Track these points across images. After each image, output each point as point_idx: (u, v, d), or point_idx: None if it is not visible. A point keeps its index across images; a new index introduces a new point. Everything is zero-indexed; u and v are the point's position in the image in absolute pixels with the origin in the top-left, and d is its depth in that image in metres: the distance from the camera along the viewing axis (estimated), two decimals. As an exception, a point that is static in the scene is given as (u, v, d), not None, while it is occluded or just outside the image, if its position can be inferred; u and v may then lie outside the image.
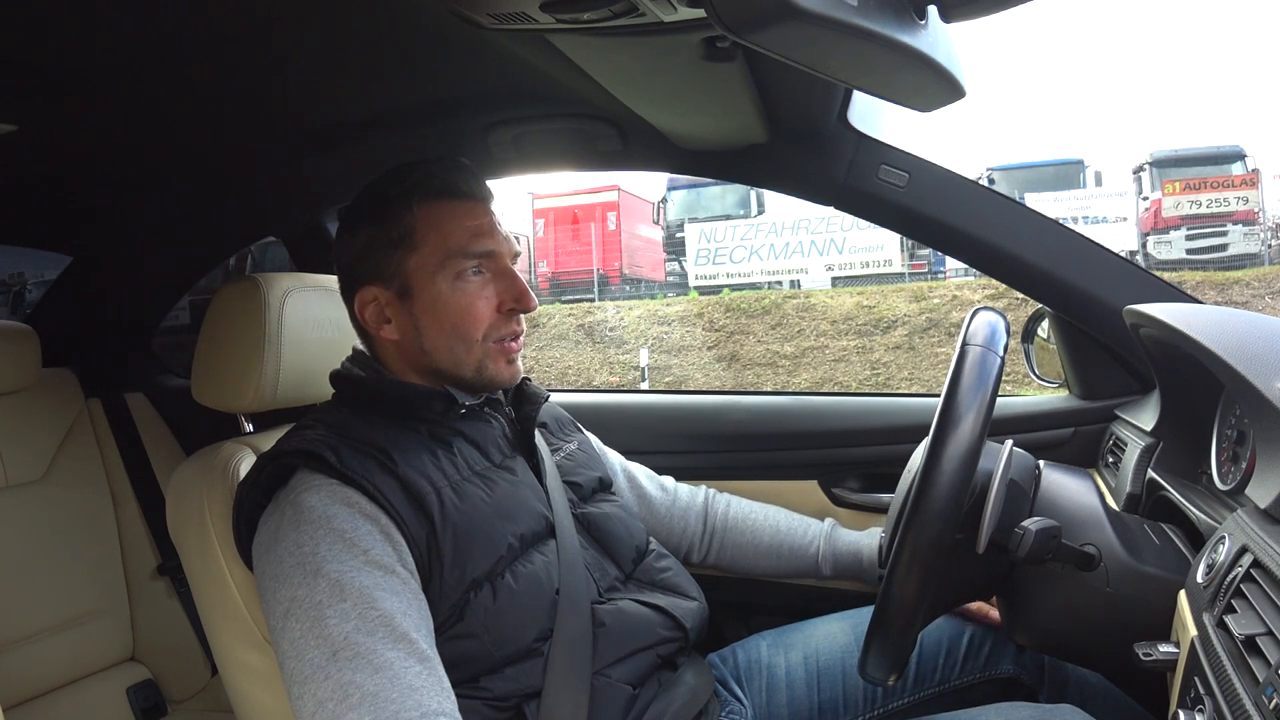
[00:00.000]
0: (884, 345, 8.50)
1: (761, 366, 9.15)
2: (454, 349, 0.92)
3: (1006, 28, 54.29)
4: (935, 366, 8.22)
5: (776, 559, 1.17)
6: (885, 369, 8.53)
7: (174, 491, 0.99)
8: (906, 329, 8.57)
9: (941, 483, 0.74)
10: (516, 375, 0.96)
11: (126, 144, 1.22)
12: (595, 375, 9.69)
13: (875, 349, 8.37)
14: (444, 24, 0.81)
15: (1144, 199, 11.43)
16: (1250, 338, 0.75)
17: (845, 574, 1.16)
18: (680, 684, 0.93)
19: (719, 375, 9.23)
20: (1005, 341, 0.80)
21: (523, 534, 0.89)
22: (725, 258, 11.61)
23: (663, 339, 9.92)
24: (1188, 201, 10.78)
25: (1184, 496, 0.85)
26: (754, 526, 1.18)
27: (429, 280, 0.90)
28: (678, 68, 0.85)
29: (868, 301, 9.21)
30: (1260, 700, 0.51)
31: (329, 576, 0.77)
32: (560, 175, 2.66)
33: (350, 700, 0.71)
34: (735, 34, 0.55)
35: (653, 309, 10.60)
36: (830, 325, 8.86)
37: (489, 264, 0.92)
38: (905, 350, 8.33)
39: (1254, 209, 10.67)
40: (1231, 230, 10.64)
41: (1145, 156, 11.61)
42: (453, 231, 0.91)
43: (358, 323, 0.96)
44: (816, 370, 8.84)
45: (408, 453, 0.86)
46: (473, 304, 0.91)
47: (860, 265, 10.62)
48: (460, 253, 0.90)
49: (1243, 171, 11.12)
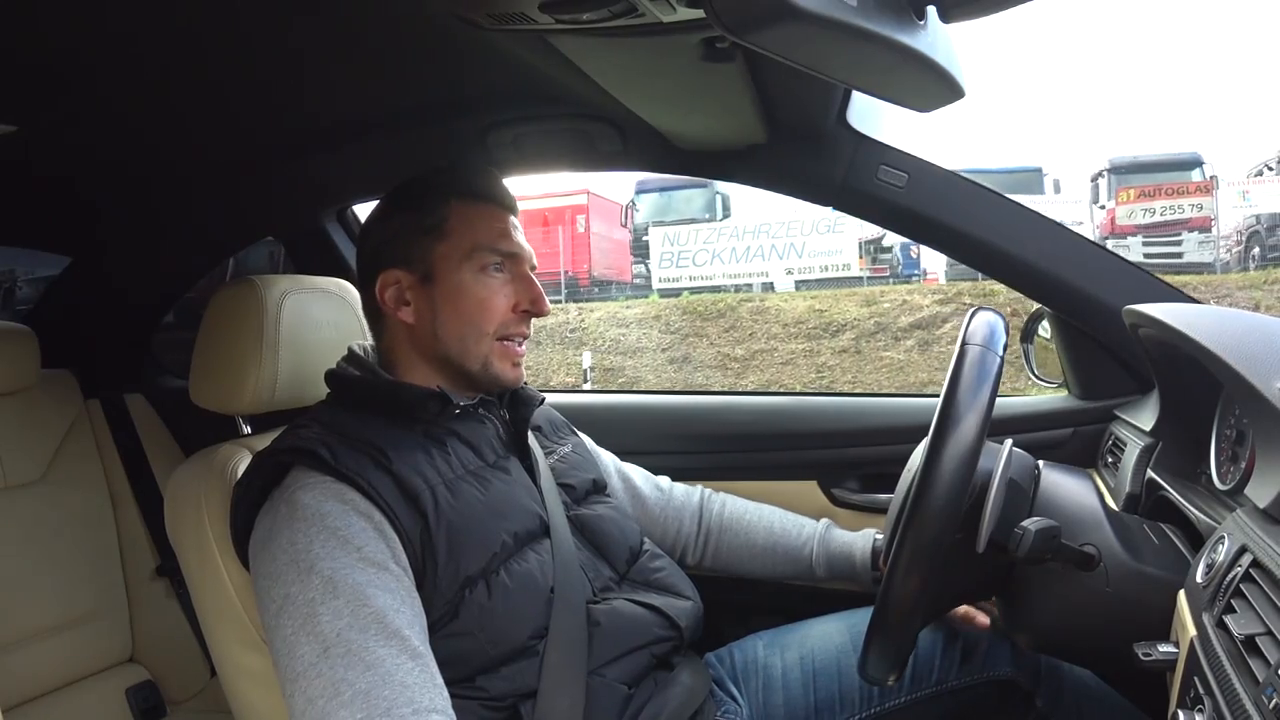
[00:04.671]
0: (831, 349, 8.63)
1: (711, 369, 9.28)
2: (465, 338, 0.95)
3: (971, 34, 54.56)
4: (878, 370, 8.32)
5: (771, 560, 1.17)
6: (830, 372, 8.61)
7: (172, 493, 0.99)
8: (854, 333, 8.68)
9: (941, 483, 0.74)
10: (519, 379, 0.99)
11: (126, 145, 1.22)
12: (553, 376, 9.82)
13: (822, 352, 8.48)
14: (443, 24, 0.81)
15: (1101, 206, 11.38)
16: (1249, 338, 0.75)
17: (839, 575, 1.14)
18: (676, 684, 0.93)
19: (670, 377, 9.35)
20: (1004, 341, 0.80)
21: (516, 532, 0.90)
22: (688, 261, 11.68)
23: (620, 340, 10.02)
24: (1141, 210, 10.74)
25: (1183, 496, 0.85)
26: (748, 527, 1.18)
27: (454, 269, 0.94)
28: (677, 68, 0.85)
29: (820, 305, 9.31)
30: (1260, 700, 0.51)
31: (322, 574, 0.77)
32: (530, 178, 2.68)
33: (342, 697, 0.71)
34: (734, 34, 0.55)
35: (613, 311, 10.69)
36: (782, 329, 8.95)
37: (511, 265, 0.97)
38: (851, 354, 8.46)
39: (1209, 216, 10.62)
40: (1186, 238, 10.58)
41: (1104, 163, 11.56)
42: (483, 229, 0.96)
43: (373, 305, 0.98)
44: (764, 373, 8.95)
45: (402, 451, 0.87)
46: (491, 297, 0.95)
47: (819, 269, 10.77)
48: (487, 247, 0.95)
49: (1200, 179, 11.06)
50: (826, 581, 1.17)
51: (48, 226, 1.54)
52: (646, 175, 12.17)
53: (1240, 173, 12.32)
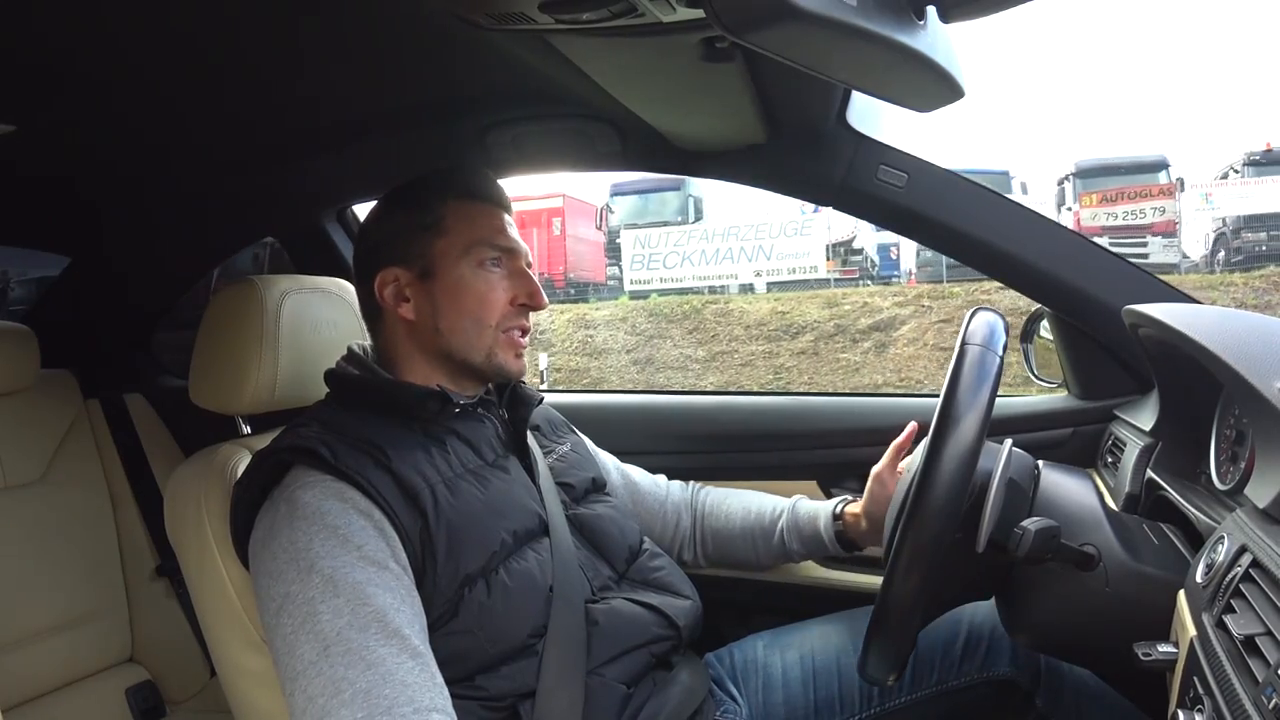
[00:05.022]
0: (789, 350, 8.78)
1: (673, 370, 9.39)
2: (468, 331, 0.95)
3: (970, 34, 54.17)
4: (835, 371, 8.46)
5: (752, 541, 1.16)
6: (788, 373, 8.71)
7: (172, 493, 0.99)
8: (814, 335, 8.84)
9: (941, 482, 0.74)
10: (522, 369, 1.00)
11: (126, 145, 1.22)
12: (520, 375, 10.00)
13: (781, 354, 8.63)
14: (443, 24, 0.81)
15: (1067, 209, 11.37)
16: (1249, 338, 0.75)
17: (810, 546, 1.14)
18: (675, 683, 0.93)
19: (633, 377, 9.45)
20: (1004, 341, 0.80)
21: (516, 530, 0.90)
22: (659, 263, 11.76)
23: (587, 342, 10.13)
24: (1104, 213, 10.75)
25: (1183, 496, 0.85)
26: (728, 510, 1.18)
27: (453, 264, 0.96)
28: (677, 68, 0.85)
29: (783, 308, 9.45)
30: (1259, 700, 0.51)
31: (322, 572, 0.77)
32: (505, 181, 2.66)
33: (342, 696, 0.71)
34: (734, 34, 0.55)
35: (582, 313, 10.78)
36: (744, 330, 9.10)
37: (508, 261, 0.99)
38: (809, 355, 8.60)
39: (1173, 220, 10.64)
40: (1151, 241, 10.59)
41: (1070, 167, 11.53)
42: (480, 225, 0.98)
43: (373, 303, 0.99)
44: (724, 374, 9.06)
45: (402, 449, 0.87)
46: (490, 291, 0.96)
47: (787, 271, 10.87)
48: (485, 242, 0.97)
49: (1166, 181, 11.04)
50: (804, 557, 1.16)
51: (47, 226, 1.54)
52: (621, 177, 12.28)
53: (1209, 175, 12.38)
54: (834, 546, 1.12)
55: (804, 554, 1.16)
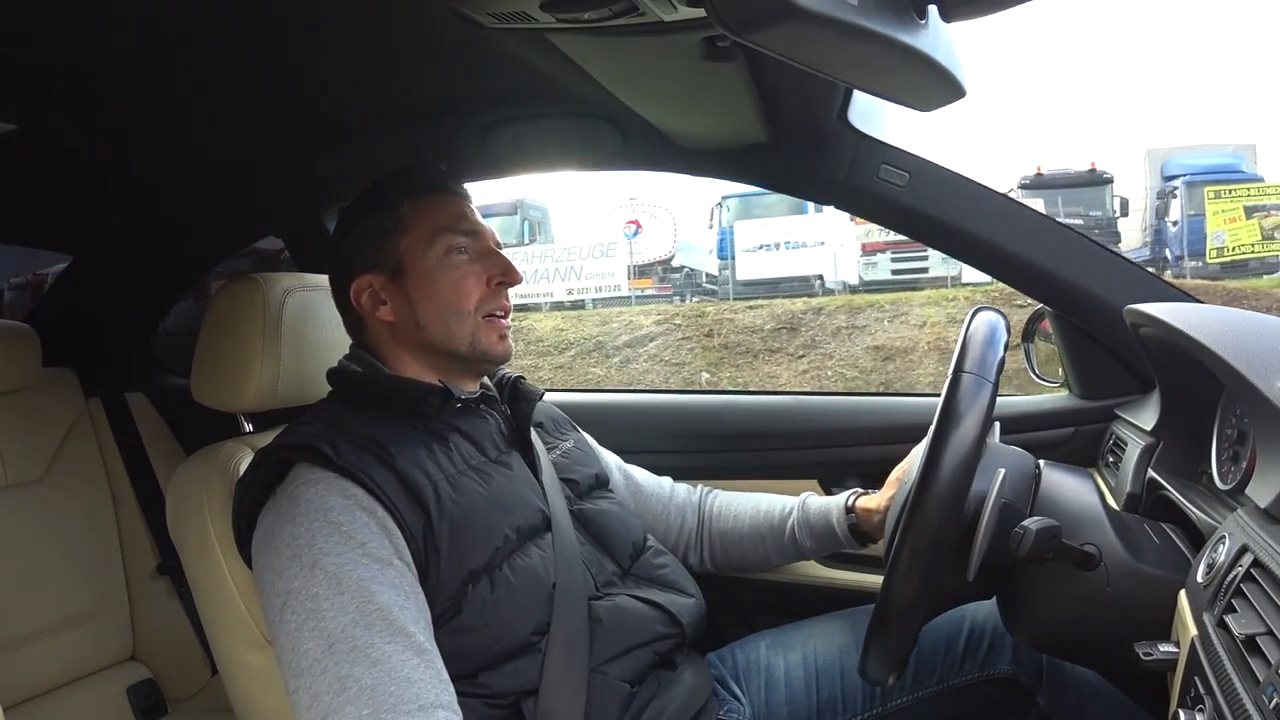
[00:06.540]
0: (550, 365, 8.92)
1: None
2: (448, 322, 0.95)
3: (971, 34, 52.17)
4: (584, 382, 8.64)
5: (763, 541, 1.15)
6: (542, 385, 8.78)
7: (174, 491, 0.99)
8: (576, 351, 9.04)
9: (941, 482, 0.74)
10: (509, 351, 1.00)
11: (127, 144, 1.22)
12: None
13: (543, 369, 8.76)
14: (444, 24, 0.81)
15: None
16: (1251, 337, 0.75)
17: (823, 541, 1.12)
18: (679, 683, 0.93)
19: None
20: (1006, 340, 0.80)
21: (519, 526, 0.90)
22: None
23: None
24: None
25: (1184, 496, 0.85)
26: (737, 511, 1.18)
27: (420, 257, 0.96)
28: (678, 67, 0.85)
29: (563, 325, 9.60)
30: (1260, 700, 0.51)
31: (326, 569, 0.77)
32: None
33: (348, 693, 0.71)
34: (735, 34, 0.55)
35: None
36: (525, 346, 9.19)
37: (474, 244, 0.98)
38: (564, 370, 8.77)
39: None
40: (931, 254, 10.23)
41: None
42: (440, 214, 0.98)
43: (351, 313, 0.99)
44: None
45: (404, 447, 0.87)
46: (463, 279, 0.96)
47: (594, 289, 11.29)
48: (448, 229, 0.97)
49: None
50: (816, 553, 1.15)
51: (49, 225, 1.54)
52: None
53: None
54: (847, 540, 1.11)
55: (816, 550, 1.14)
